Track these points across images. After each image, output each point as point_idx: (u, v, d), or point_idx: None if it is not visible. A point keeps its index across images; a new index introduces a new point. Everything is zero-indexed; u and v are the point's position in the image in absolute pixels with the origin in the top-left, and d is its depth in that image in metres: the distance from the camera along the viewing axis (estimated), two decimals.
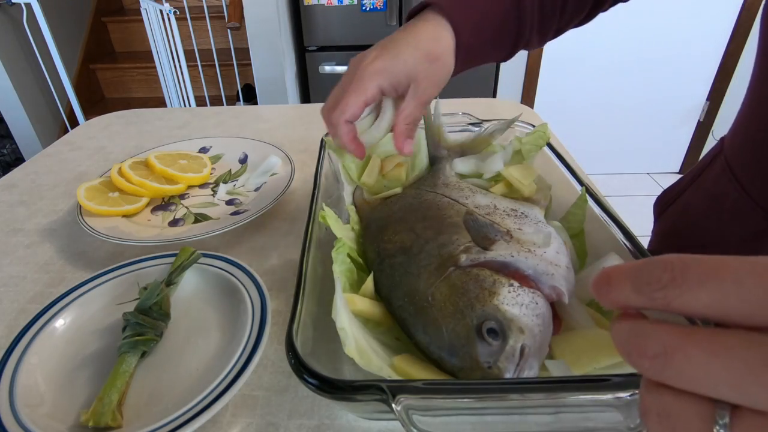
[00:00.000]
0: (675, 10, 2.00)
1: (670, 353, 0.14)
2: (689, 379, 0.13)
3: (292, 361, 0.28)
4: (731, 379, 0.13)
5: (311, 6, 1.77)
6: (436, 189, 0.45)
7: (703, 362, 0.13)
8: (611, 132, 2.33)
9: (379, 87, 0.42)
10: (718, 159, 0.49)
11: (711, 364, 0.13)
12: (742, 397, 0.12)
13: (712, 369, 0.13)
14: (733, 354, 0.13)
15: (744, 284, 0.13)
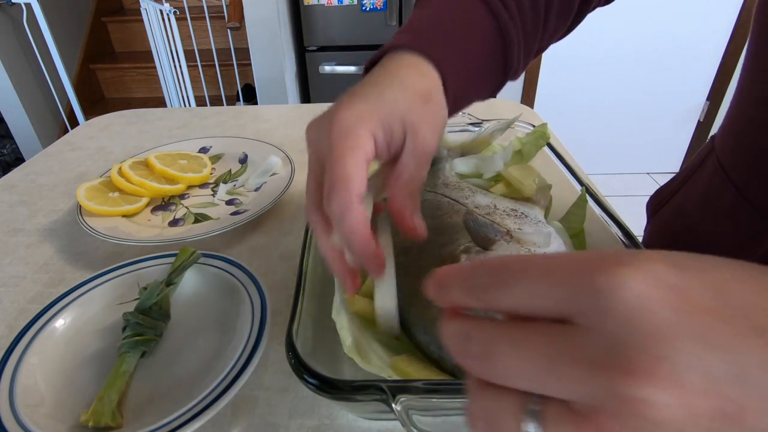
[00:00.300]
0: (675, 10, 2.00)
1: (488, 352, 0.14)
2: (503, 375, 0.14)
3: (292, 361, 0.28)
4: (533, 372, 0.13)
5: (311, 6, 1.77)
6: (436, 189, 0.45)
7: (512, 358, 0.14)
8: (611, 132, 2.33)
9: (374, 136, 0.29)
10: (709, 159, 0.49)
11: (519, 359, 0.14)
12: (544, 388, 0.13)
13: (520, 364, 0.14)
14: (534, 348, 0.14)
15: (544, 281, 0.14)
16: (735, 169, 0.44)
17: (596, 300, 0.13)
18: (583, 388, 0.13)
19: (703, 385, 0.12)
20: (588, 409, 0.13)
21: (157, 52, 1.98)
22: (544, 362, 0.13)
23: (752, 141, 0.42)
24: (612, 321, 0.13)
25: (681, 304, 0.12)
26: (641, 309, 0.12)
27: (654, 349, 0.12)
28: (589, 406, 0.13)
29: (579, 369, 0.13)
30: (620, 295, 0.13)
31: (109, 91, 2.75)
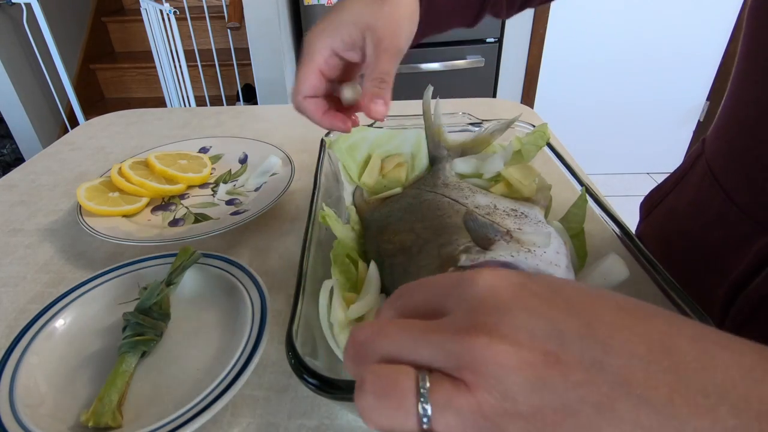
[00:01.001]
0: (675, 10, 2.00)
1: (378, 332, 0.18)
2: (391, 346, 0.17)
3: (292, 361, 0.28)
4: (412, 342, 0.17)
5: (311, 6, 1.77)
6: (436, 189, 0.45)
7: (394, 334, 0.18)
8: (611, 132, 2.32)
9: (330, 48, 0.37)
10: (699, 161, 0.49)
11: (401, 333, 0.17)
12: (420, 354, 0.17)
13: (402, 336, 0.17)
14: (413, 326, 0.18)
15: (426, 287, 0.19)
16: (723, 171, 0.44)
17: (460, 289, 0.18)
18: (450, 351, 0.16)
19: (529, 342, 0.15)
20: (455, 369, 0.16)
21: (157, 52, 1.97)
22: (418, 334, 0.17)
23: (740, 144, 0.42)
24: (467, 302, 0.17)
25: (519, 290, 0.17)
26: (489, 292, 0.17)
27: (495, 317, 0.16)
28: (456, 367, 0.16)
29: (444, 335, 0.17)
30: (475, 285, 0.17)
31: (109, 91, 2.75)
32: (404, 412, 0.16)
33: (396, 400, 0.16)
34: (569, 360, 0.15)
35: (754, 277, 0.38)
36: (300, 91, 0.38)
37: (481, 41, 1.87)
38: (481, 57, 1.87)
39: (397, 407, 0.16)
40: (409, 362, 0.17)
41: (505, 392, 0.15)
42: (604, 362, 0.15)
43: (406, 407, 0.16)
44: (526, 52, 2.05)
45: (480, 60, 1.86)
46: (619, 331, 0.16)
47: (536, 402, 0.15)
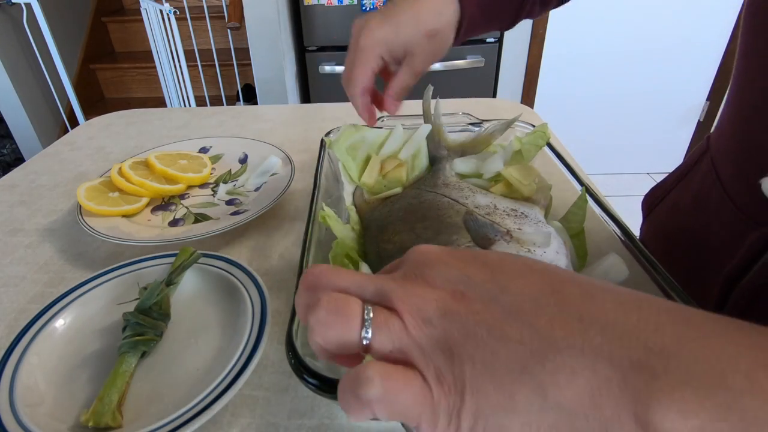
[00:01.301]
0: (675, 10, 2.00)
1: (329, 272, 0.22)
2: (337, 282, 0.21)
3: (292, 361, 0.28)
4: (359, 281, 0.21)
5: (311, 6, 1.77)
6: (436, 189, 0.45)
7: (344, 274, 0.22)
8: (611, 132, 2.32)
9: (381, 56, 0.45)
10: (704, 158, 0.49)
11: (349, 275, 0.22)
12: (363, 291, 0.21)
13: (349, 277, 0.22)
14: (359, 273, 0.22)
15: None
16: (724, 168, 0.44)
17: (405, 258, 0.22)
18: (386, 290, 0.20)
19: (443, 284, 0.20)
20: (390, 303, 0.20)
21: (157, 52, 1.98)
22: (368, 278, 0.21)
23: (738, 142, 0.42)
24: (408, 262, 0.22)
25: (442, 254, 0.21)
26: (420, 254, 0.22)
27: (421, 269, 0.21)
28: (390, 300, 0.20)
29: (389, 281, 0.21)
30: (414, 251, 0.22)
31: (109, 91, 2.75)
32: (349, 328, 0.19)
33: (345, 318, 0.20)
34: (472, 296, 0.19)
35: (747, 271, 0.38)
36: (356, 86, 0.46)
37: (481, 41, 1.87)
38: (481, 57, 1.87)
39: (345, 323, 0.19)
40: (357, 296, 0.21)
41: (424, 318, 0.19)
42: (500, 298, 0.19)
43: (352, 325, 0.19)
44: (526, 51, 2.06)
45: (480, 60, 1.86)
46: (517, 279, 0.20)
47: (446, 325, 0.19)
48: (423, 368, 0.18)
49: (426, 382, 0.18)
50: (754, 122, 0.39)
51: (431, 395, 0.18)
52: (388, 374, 0.18)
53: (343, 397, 0.19)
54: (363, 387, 0.18)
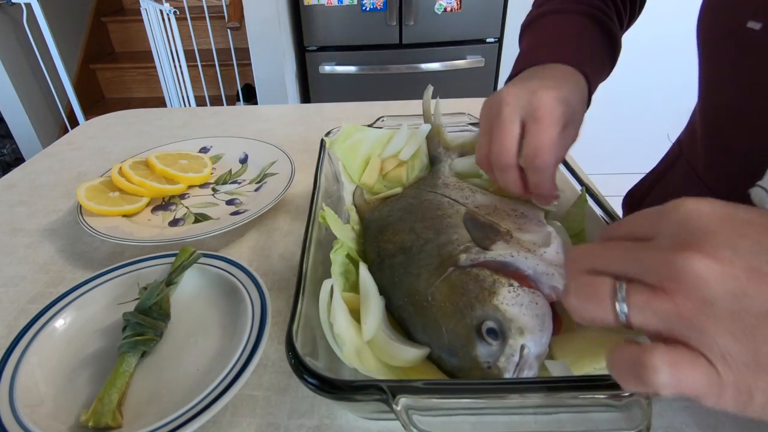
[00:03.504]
0: (675, 9, 2.00)
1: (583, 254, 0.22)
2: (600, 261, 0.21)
3: (292, 361, 0.28)
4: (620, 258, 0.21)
5: (311, 6, 1.77)
6: (436, 189, 0.45)
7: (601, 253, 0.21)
8: (611, 132, 2.32)
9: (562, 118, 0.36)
10: (679, 162, 0.49)
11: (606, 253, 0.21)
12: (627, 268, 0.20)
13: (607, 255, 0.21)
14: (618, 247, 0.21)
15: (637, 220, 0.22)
16: (705, 169, 0.44)
17: (667, 215, 0.20)
18: (653, 266, 0.19)
19: (731, 257, 0.18)
20: (656, 280, 0.19)
21: (157, 52, 1.97)
22: (624, 252, 0.21)
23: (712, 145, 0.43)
24: (671, 226, 0.19)
25: (723, 214, 0.19)
26: (695, 215, 0.19)
27: (698, 236, 0.18)
28: (657, 278, 0.19)
29: (650, 252, 0.19)
30: (680, 211, 0.20)
31: (109, 91, 2.75)
32: (601, 310, 0.20)
33: (594, 302, 0.20)
34: None
35: None
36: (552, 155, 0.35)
37: (481, 41, 1.87)
38: (481, 57, 1.87)
39: (595, 307, 0.20)
40: (610, 274, 0.20)
41: (704, 299, 0.18)
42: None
43: (603, 307, 0.20)
44: None
45: (480, 60, 1.86)
46: None
47: (735, 308, 0.17)
48: (706, 351, 0.18)
49: (711, 363, 0.18)
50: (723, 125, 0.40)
51: (718, 376, 0.18)
52: (675, 362, 0.18)
53: (622, 376, 0.20)
54: (650, 375, 0.18)
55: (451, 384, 0.27)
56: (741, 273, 0.17)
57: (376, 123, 0.56)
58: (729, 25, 0.39)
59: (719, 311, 0.17)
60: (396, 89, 1.89)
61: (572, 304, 0.21)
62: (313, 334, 0.33)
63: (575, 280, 0.21)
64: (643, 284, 0.19)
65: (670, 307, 0.18)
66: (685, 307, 0.18)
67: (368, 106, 0.91)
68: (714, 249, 0.18)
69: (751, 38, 0.37)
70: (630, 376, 0.19)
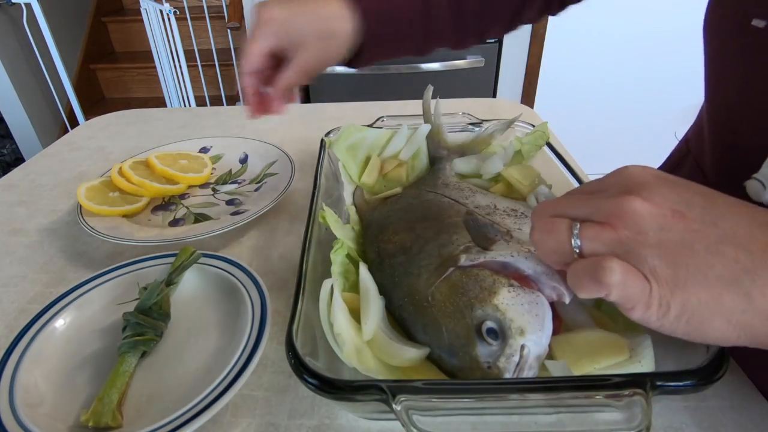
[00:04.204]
0: (675, 9, 2.00)
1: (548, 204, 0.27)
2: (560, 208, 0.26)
3: (292, 361, 0.28)
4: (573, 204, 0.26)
5: None
6: (436, 189, 0.45)
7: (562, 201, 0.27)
8: (611, 132, 2.32)
9: (275, 35, 0.43)
10: (686, 161, 0.49)
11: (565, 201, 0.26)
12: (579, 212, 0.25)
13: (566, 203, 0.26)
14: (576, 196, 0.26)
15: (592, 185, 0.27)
16: (712, 169, 0.44)
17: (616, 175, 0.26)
18: (602, 207, 0.24)
19: (662, 202, 0.23)
20: (604, 218, 0.24)
21: (157, 52, 1.97)
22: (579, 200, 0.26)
23: (718, 142, 0.43)
24: (620, 178, 0.25)
25: (658, 175, 0.24)
26: (638, 173, 0.25)
27: (639, 187, 0.24)
28: (605, 216, 0.24)
29: (600, 199, 0.24)
30: (627, 170, 0.25)
31: (109, 91, 2.75)
32: (559, 242, 0.25)
33: (554, 234, 0.25)
34: (691, 217, 0.22)
35: None
36: (245, 65, 0.44)
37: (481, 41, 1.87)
38: (481, 57, 1.87)
39: (555, 239, 0.25)
40: (569, 217, 0.25)
41: (639, 229, 0.23)
42: (717, 223, 0.22)
43: (561, 239, 0.25)
44: (526, 52, 2.05)
45: (480, 60, 1.86)
46: (732, 208, 0.23)
47: (662, 237, 0.22)
48: (640, 267, 0.22)
49: (645, 277, 0.22)
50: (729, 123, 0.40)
51: (649, 287, 0.22)
52: (625, 268, 0.22)
53: (577, 278, 0.24)
54: (606, 274, 0.22)
55: (451, 384, 0.27)
56: (667, 212, 0.23)
57: (376, 123, 0.56)
58: (734, 22, 0.39)
59: (650, 239, 0.22)
60: (396, 89, 1.89)
61: (536, 238, 0.27)
62: (313, 334, 0.33)
63: (539, 221, 0.26)
64: (593, 222, 0.24)
65: (613, 236, 0.23)
66: (625, 235, 0.23)
67: (368, 106, 0.91)
68: (649, 195, 0.23)
69: (755, 36, 0.37)
70: (586, 278, 0.23)
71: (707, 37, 0.43)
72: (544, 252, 0.26)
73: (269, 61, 0.45)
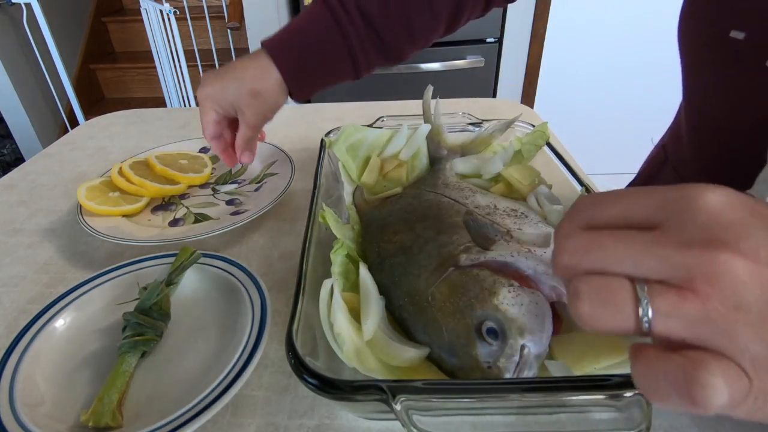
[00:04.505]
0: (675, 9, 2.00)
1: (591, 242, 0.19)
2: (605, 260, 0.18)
3: (292, 361, 0.28)
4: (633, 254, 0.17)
5: None
6: (436, 189, 0.45)
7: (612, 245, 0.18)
8: (611, 132, 2.32)
9: (214, 109, 0.52)
10: (665, 167, 0.49)
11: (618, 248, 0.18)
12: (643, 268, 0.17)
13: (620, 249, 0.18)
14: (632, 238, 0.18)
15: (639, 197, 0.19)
16: (695, 178, 0.44)
17: (686, 202, 0.17)
18: (679, 262, 0.17)
19: (766, 254, 0.16)
20: (684, 281, 0.17)
21: (157, 52, 1.97)
22: (642, 246, 0.17)
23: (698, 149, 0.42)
24: (700, 215, 0.17)
25: (751, 209, 0.17)
26: (723, 207, 0.17)
27: (735, 232, 0.16)
28: (685, 278, 0.17)
29: (674, 248, 0.17)
30: (705, 199, 0.17)
31: (109, 91, 2.75)
32: (622, 320, 0.17)
33: (613, 309, 0.17)
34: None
35: None
36: (205, 135, 0.55)
37: (481, 41, 1.87)
38: (481, 57, 1.87)
39: (614, 315, 0.17)
40: (623, 274, 0.18)
41: (740, 303, 0.16)
42: None
43: (626, 313, 0.17)
44: (526, 52, 2.05)
45: (480, 60, 1.86)
46: None
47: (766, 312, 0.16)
48: (738, 358, 0.16)
49: (744, 372, 0.16)
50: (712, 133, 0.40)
51: (749, 382, 0.16)
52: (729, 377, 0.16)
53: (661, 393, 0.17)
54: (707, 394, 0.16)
55: (451, 384, 0.27)
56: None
57: (376, 123, 0.56)
58: (711, 34, 0.39)
59: (752, 316, 0.16)
60: (396, 89, 1.89)
61: (584, 312, 0.18)
62: (313, 334, 0.33)
63: (585, 282, 0.18)
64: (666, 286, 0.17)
65: (699, 312, 0.16)
66: (716, 311, 0.16)
67: (368, 106, 0.91)
68: (752, 249, 0.16)
69: (733, 48, 0.37)
70: (673, 394, 0.17)
71: (682, 48, 0.43)
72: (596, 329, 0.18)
73: (222, 125, 0.54)
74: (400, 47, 0.53)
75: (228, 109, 0.52)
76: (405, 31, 0.52)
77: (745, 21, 0.36)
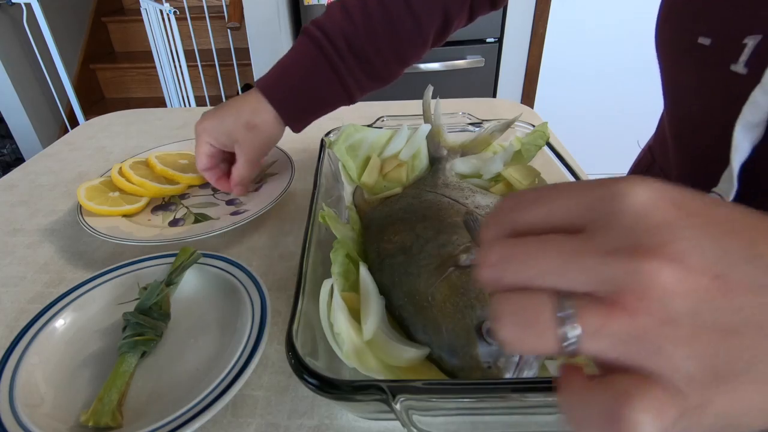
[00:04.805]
0: None
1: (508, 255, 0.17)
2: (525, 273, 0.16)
3: (292, 361, 0.28)
4: (556, 265, 0.16)
5: (311, 6, 1.77)
6: (436, 189, 0.45)
7: (531, 259, 0.16)
8: (611, 132, 2.32)
9: (208, 142, 0.53)
10: (653, 170, 0.49)
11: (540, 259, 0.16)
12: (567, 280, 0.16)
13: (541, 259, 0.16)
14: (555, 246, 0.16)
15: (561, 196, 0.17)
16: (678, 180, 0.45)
17: (610, 203, 0.16)
18: (604, 273, 0.15)
19: (700, 263, 0.15)
20: (610, 293, 0.15)
21: (157, 52, 1.97)
22: (565, 256, 0.16)
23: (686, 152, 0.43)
24: (625, 217, 0.15)
25: (680, 207, 0.15)
26: (650, 207, 0.15)
27: (662, 236, 0.15)
28: (611, 291, 0.15)
29: (598, 257, 0.15)
30: (631, 199, 0.15)
31: (109, 91, 2.75)
32: (545, 340, 0.16)
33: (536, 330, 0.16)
34: (736, 284, 0.14)
35: None
36: (198, 166, 0.56)
37: (481, 41, 1.87)
38: (481, 57, 1.87)
39: (539, 336, 0.16)
40: (549, 287, 0.16)
41: (669, 317, 0.14)
42: None
43: (547, 336, 0.15)
44: (526, 52, 2.05)
45: (480, 60, 1.86)
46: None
47: (698, 323, 0.14)
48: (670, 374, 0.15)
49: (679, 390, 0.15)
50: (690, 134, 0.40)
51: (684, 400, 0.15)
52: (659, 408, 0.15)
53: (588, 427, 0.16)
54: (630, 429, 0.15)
55: (451, 384, 0.27)
56: (708, 283, 0.15)
57: (376, 123, 0.56)
58: (683, 40, 0.40)
59: (683, 330, 0.15)
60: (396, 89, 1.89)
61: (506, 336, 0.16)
62: (313, 334, 0.33)
63: (504, 302, 0.16)
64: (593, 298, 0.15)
65: (628, 329, 0.15)
66: (645, 328, 0.15)
67: (368, 106, 0.91)
68: (680, 253, 0.15)
69: (703, 53, 0.38)
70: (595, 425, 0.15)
71: (660, 53, 0.44)
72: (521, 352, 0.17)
73: (217, 158, 0.56)
74: (390, 70, 0.54)
75: (224, 141, 0.53)
76: (395, 56, 0.53)
77: (710, 27, 0.38)
